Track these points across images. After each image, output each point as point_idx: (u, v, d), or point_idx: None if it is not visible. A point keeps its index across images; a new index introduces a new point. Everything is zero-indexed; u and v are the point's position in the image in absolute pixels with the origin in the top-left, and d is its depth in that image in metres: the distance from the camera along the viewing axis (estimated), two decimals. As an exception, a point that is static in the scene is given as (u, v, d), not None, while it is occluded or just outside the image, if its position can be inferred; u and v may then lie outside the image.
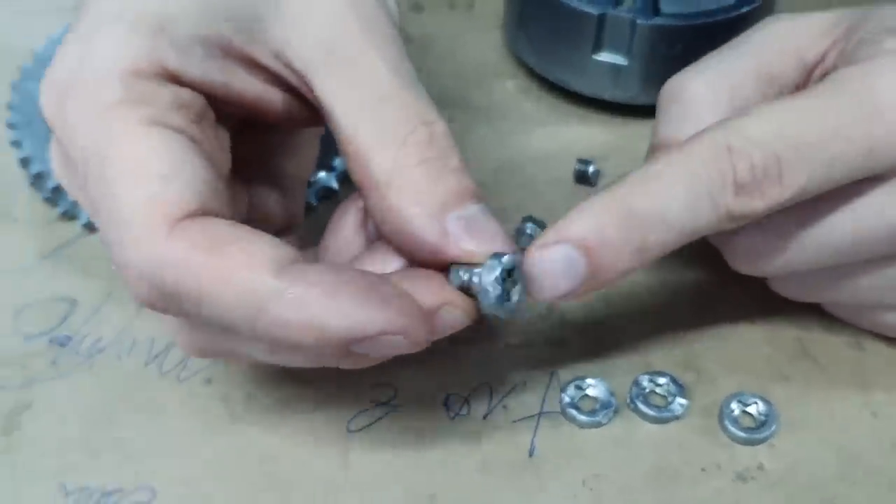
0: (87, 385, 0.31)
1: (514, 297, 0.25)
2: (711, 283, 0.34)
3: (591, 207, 0.27)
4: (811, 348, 0.33)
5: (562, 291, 0.26)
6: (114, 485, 0.28)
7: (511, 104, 0.42)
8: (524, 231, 0.36)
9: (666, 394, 0.31)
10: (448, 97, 0.30)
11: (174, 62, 0.25)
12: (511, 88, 0.43)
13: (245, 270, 0.23)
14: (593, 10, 0.38)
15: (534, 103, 0.42)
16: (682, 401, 0.30)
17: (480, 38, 0.46)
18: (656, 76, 0.36)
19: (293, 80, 0.26)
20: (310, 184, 0.36)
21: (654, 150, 0.32)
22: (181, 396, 0.31)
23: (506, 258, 0.25)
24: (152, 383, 0.31)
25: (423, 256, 0.25)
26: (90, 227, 0.36)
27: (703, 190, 0.27)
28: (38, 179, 0.36)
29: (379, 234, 0.27)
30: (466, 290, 0.25)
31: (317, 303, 0.22)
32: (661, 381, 0.31)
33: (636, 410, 0.30)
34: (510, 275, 0.25)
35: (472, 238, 0.25)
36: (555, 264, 0.26)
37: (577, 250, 0.26)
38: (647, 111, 0.37)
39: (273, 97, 0.27)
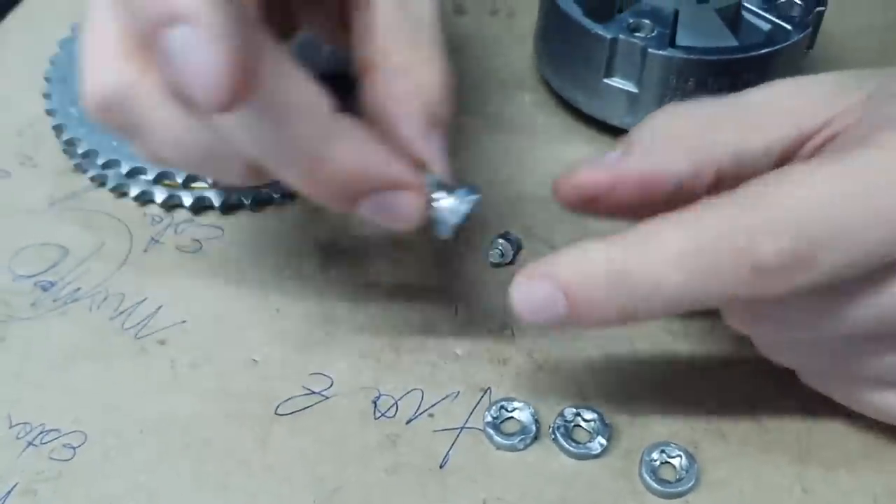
0: (56, 329, 0.33)
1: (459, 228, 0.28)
2: (669, 322, 0.33)
3: (586, 254, 0.25)
4: (759, 410, 0.31)
5: (537, 322, 0.25)
6: (52, 424, 0.30)
7: (523, 117, 0.42)
8: (496, 245, 0.36)
9: (591, 430, 0.30)
10: (465, 101, 0.31)
11: None
12: (528, 101, 0.43)
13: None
14: (606, 34, 0.37)
15: (546, 119, 0.42)
16: (602, 440, 0.30)
17: (513, 48, 0.46)
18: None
19: None
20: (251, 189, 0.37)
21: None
22: (134, 353, 0.33)
23: (477, 197, 0.28)
24: (111, 337, 0.33)
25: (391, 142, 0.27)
26: (97, 181, 0.38)
27: (712, 269, 0.24)
28: (57, 130, 0.39)
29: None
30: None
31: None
32: (589, 416, 0.30)
33: (555, 441, 0.30)
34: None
35: (440, 160, 0.27)
36: (535, 296, 0.25)
37: (561, 292, 0.25)
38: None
39: None
